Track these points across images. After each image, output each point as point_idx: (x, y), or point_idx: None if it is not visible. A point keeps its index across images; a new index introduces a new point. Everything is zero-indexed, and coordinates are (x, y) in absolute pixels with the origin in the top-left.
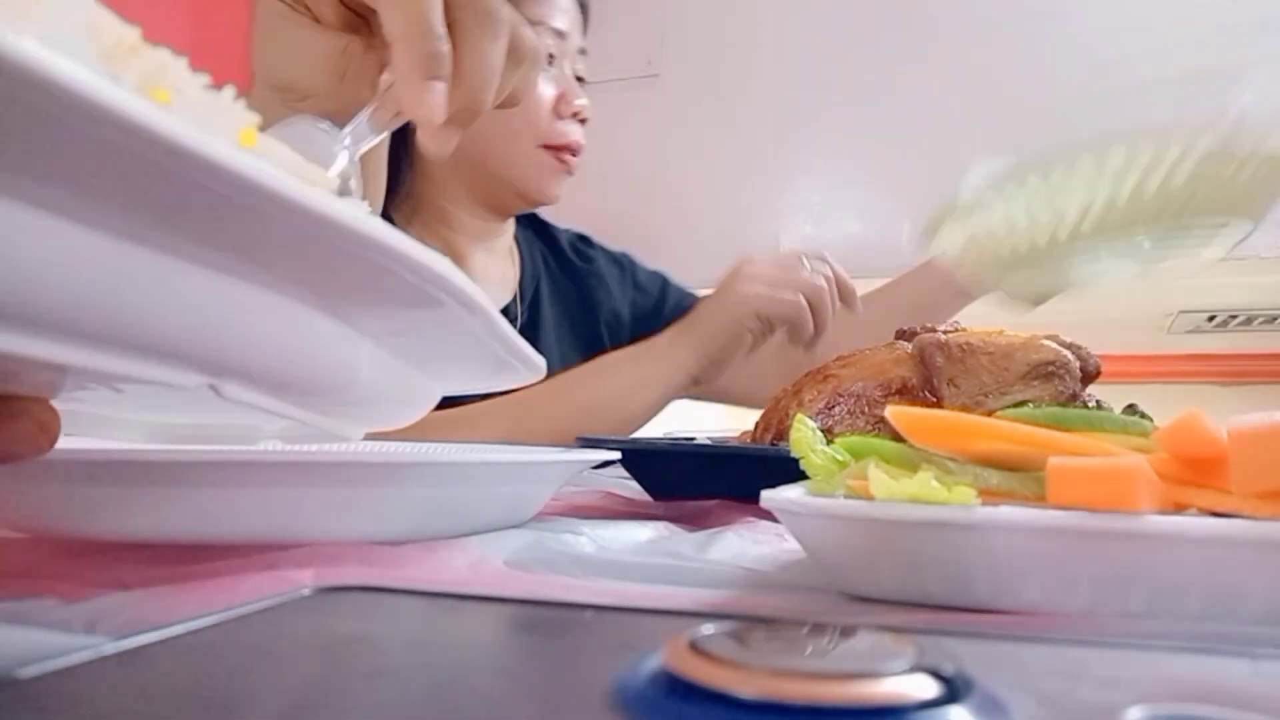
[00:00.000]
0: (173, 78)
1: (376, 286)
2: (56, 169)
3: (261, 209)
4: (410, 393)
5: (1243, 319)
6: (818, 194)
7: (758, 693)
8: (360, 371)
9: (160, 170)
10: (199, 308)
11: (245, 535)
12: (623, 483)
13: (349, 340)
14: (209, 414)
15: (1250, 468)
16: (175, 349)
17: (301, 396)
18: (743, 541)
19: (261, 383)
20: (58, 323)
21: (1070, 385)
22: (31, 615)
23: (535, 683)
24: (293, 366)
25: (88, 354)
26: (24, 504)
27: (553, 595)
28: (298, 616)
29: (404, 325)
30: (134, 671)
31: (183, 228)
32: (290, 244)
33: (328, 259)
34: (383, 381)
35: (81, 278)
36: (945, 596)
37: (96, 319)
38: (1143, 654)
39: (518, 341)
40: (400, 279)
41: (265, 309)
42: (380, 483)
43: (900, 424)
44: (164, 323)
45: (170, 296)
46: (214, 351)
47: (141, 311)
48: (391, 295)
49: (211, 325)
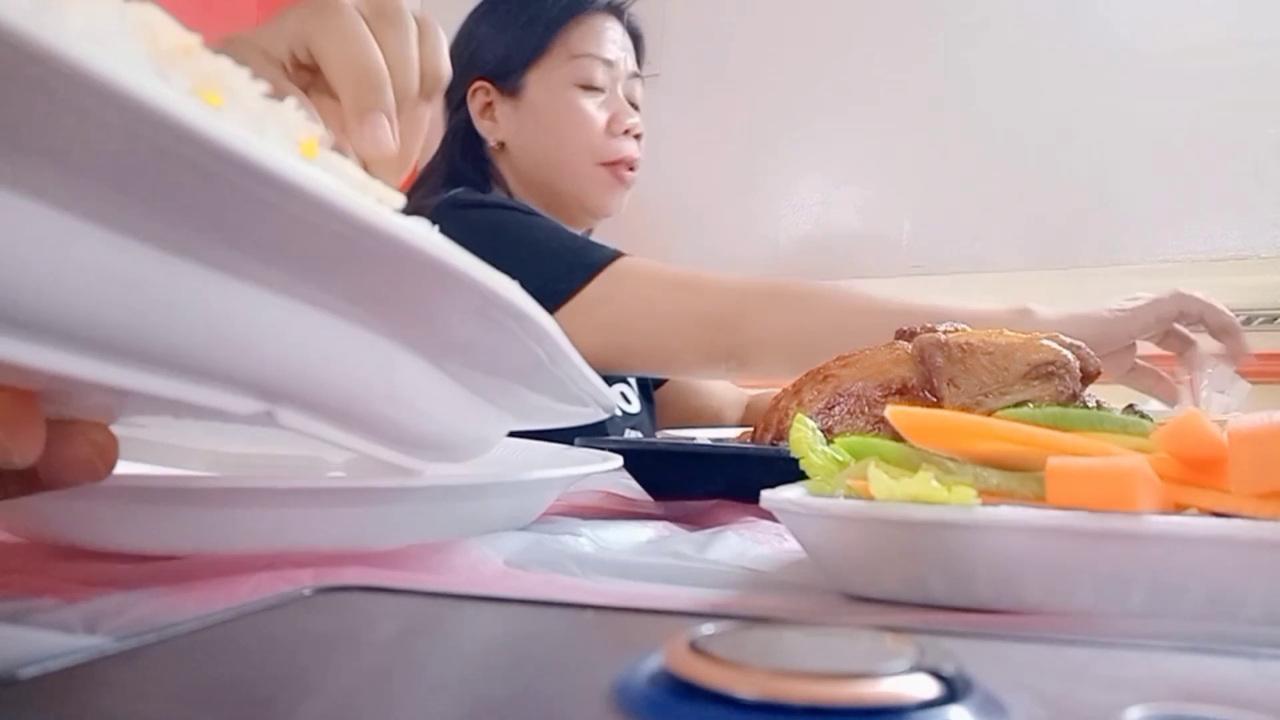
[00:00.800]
0: (231, 84)
1: (439, 309)
2: (98, 167)
3: (317, 221)
4: (478, 425)
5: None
6: (818, 194)
7: (758, 693)
8: (422, 401)
9: (206, 174)
10: (255, 329)
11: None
12: (623, 482)
13: (411, 367)
14: (270, 444)
15: (1250, 468)
16: (230, 372)
17: (362, 425)
18: (743, 541)
19: (319, 410)
20: (109, 342)
21: (1070, 385)
22: (31, 615)
23: (535, 683)
24: (351, 393)
25: (141, 376)
26: (28, 515)
27: (553, 595)
28: (298, 616)
29: (468, 351)
30: (134, 671)
31: (235, 240)
32: (350, 261)
33: (390, 278)
34: (446, 412)
35: (133, 294)
36: (945, 596)
37: (149, 339)
38: (1143, 654)
39: (587, 373)
40: (465, 302)
41: (323, 332)
42: (381, 502)
43: (900, 424)
44: (218, 344)
45: (225, 316)
46: (270, 376)
47: (195, 331)
48: (456, 318)
49: (267, 348)
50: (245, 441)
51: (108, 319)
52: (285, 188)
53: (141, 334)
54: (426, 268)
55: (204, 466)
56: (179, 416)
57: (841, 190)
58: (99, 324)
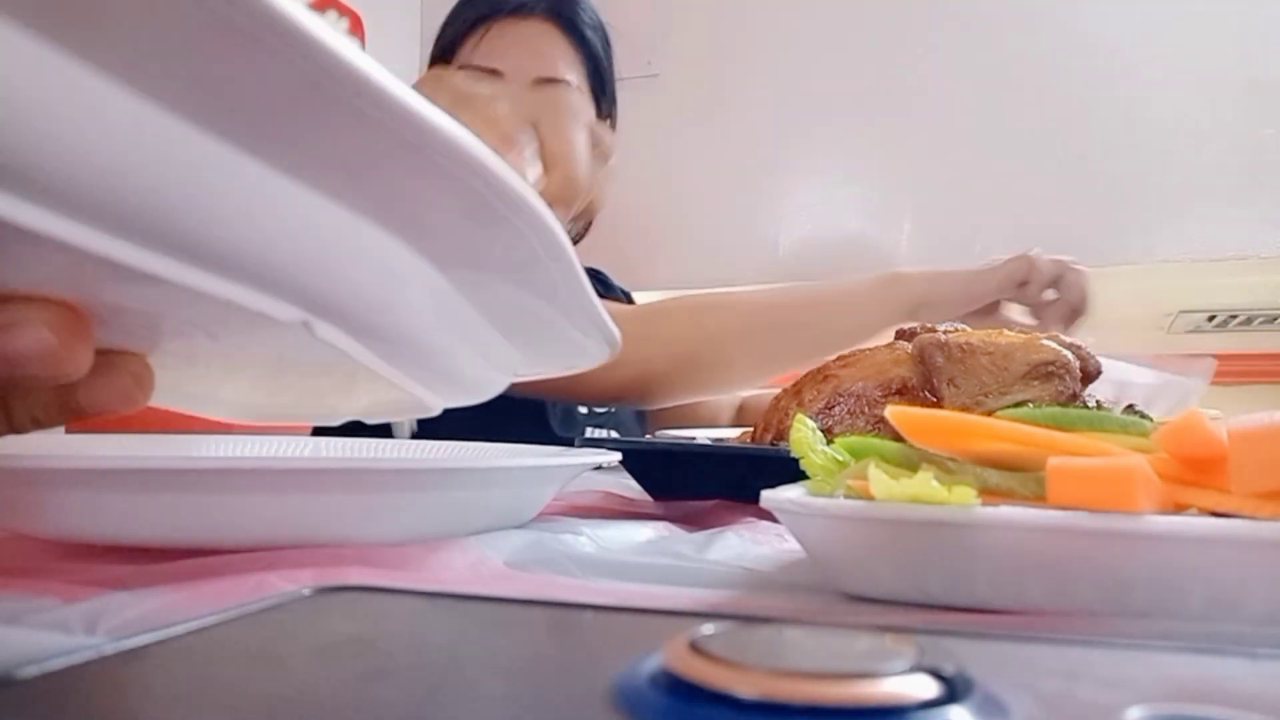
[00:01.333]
0: None
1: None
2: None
3: (364, 107)
4: (491, 359)
5: (1243, 319)
6: (818, 194)
7: (758, 693)
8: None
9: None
10: (301, 233)
11: (248, 541)
12: (623, 483)
13: (441, 292)
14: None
15: (1250, 468)
16: (275, 276)
17: (388, 346)
18: (743, 541)
19: (353, 324)
20: (161, 230)
21: (1070, 385)
22: (31, 615)
23: (535, 683)
24: (382, 309)
25: (190, 271)
26: (27, 508)
27: (553, 595)
28: (298, 616)
29: (490, 272)
30: (134, 671)
31: (292, 137)
32: (393, 161)
33: (427, 180)
34: (465, 345)
35: (188, 182)
36: (945, 596)
37: (201, 230)
38: (1143, 654)
39: (595, 303)
40: (494, 212)
41: (359, 240)
42: (381, 488)
43: (900, 424)
44: (267, 244)
45: (275, 216)
46: (311, 283)
47: (247, 228)
48: (484, 234)
49: (311, 253)
50: (266, 392)
51: (163, 205)
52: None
53: (193, 224)
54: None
55: (225, 413)
56: (215, 338)
57: (841, 190)
58: (155, 210)
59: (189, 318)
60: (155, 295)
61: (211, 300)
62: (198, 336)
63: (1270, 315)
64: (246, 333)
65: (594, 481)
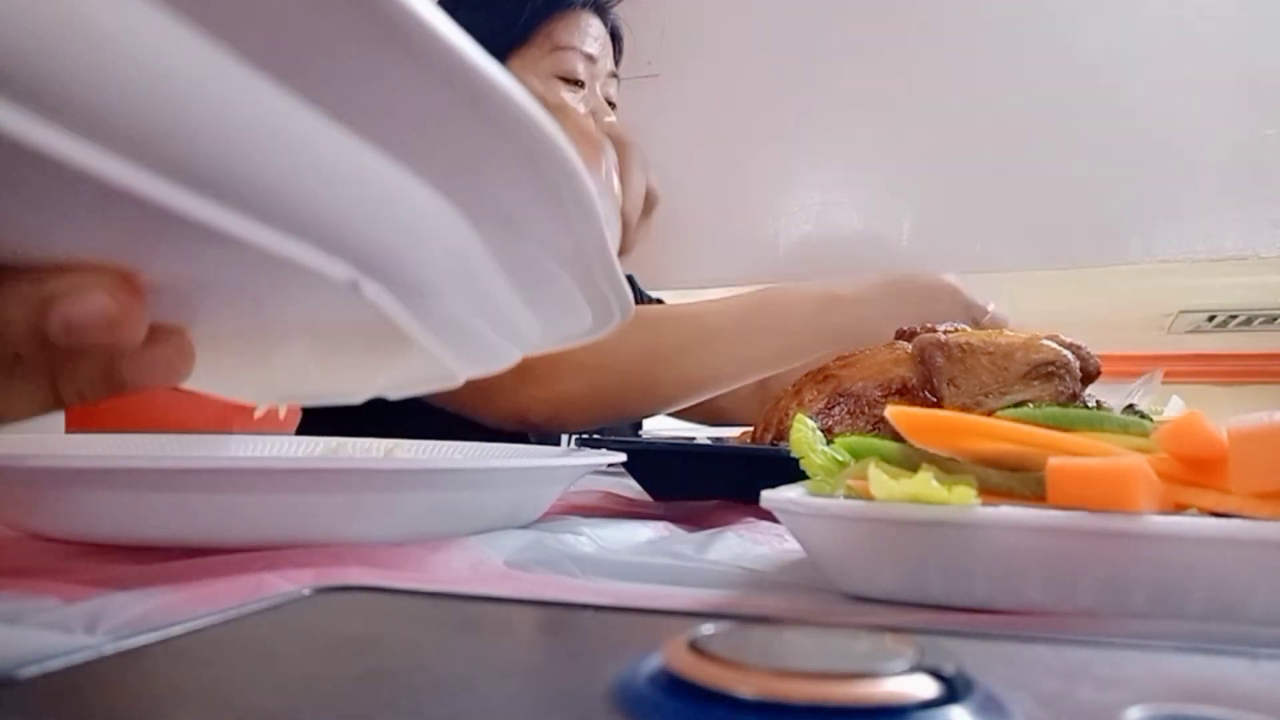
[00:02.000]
0: None
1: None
2: None
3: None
4: (511, 327)
5: (1243, 319)
6: (817, 193)
7: (758, 693)
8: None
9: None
10: (351, 185)
11: (248, 541)
12: (623, 483)
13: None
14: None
15: (1250, 468)
16: (327, 231)
17: (425, 311)
18: (743, 541)
19: (396, 284)
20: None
21: (1070, 385)
22: (31, 615)
23: (535, 683)
24: (423, 267)
25: (245, 222)
26: (27, 508)
27: (553, 595)
28: (298, 616)
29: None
30: (134, 671)
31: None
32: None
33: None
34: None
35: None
36: (945, 596)
37: (261, 178)
38: (1143, 654)
39: (616, 268)
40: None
41: (404, 193)
42: (384, 489)
43: (900, 424)
44: (323, 197)
45: (329, 168)
46: (360, 239)
47: (302, 179)
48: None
49: (360, 208)
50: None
51: (222, 153)
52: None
53: (251, 173)
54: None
55: (252, 395)
56: (259, 308)
57: (841, 190)
58: (214, 159)
59: (237, 283)
60: (208, 255)
61: (262, 259)
62: (242, 304)
63: (1270, 315)
64: (290, 298)
65: (594, 482)
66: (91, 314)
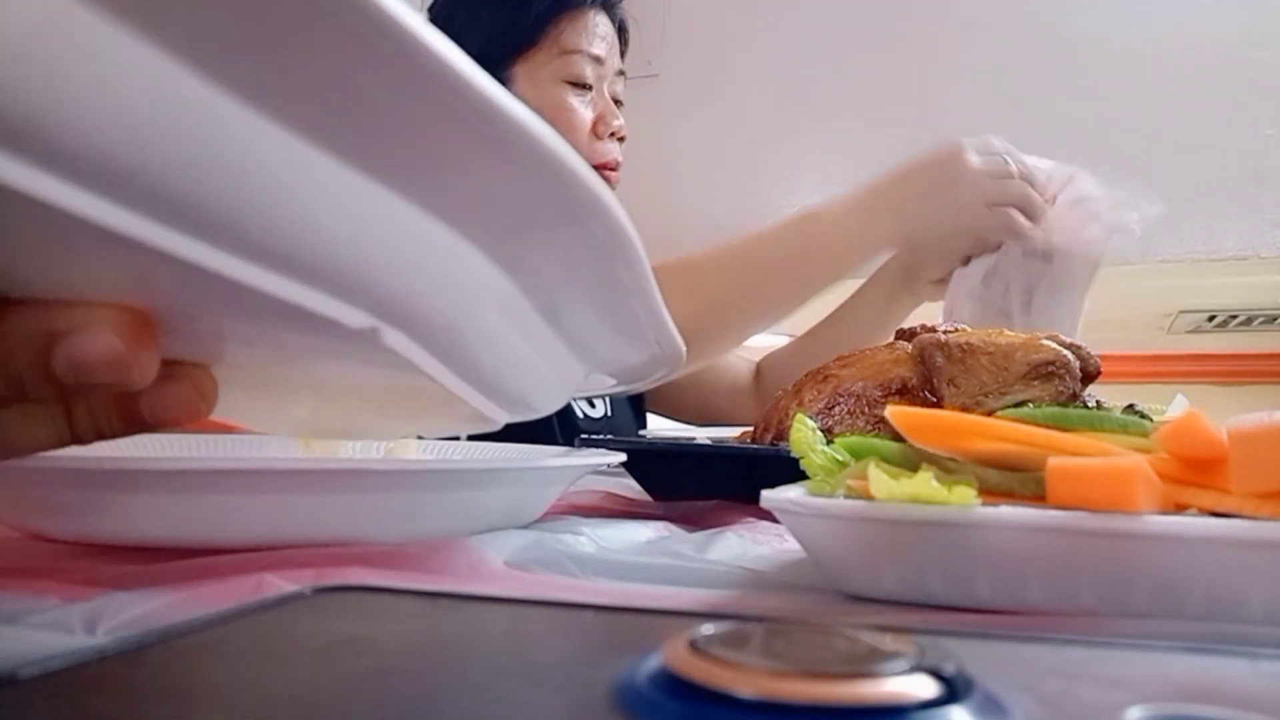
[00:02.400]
0: None
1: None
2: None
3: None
4: (556, 373)
5: (1243, 319)
6: (818, 193)
7: (758, 693)
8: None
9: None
10: (374, 235)
11: (248, 541)
12: (623, 483)
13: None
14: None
15: (1250, 468)
16: (346, 280)
17: (457, 359)
18: (743, 541)
19: (421, 333)
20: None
21: (1070, 385)
22: (31, 615)
23: (535, 683)
24: (453, 316)
25: (262, 273)
26: (28, 508)
27: (553, 595)
28: (298, 616)
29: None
30: (134, 671)
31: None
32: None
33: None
34: (532, 357)
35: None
36: (945, 596)
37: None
38: (1143, 654)
39: (664, 314)
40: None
41: (432, 242)
42: (384, 489)
43: (900, 424)
44: (340, 245)
45: (346, 215)
46: (382, 289)
47: (319, 227)
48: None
49: (383, 257)
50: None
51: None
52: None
53: (262, 221)
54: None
55: (285, 431)
56: (280, 349)
57: (841, 190)
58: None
59: (254, 325)
60: (221, 298)
61: (277, 305)
62: (261, 346)
63: (1270, 315)
64: (311, 342)
65: (594, 482)
66: (98, 353)
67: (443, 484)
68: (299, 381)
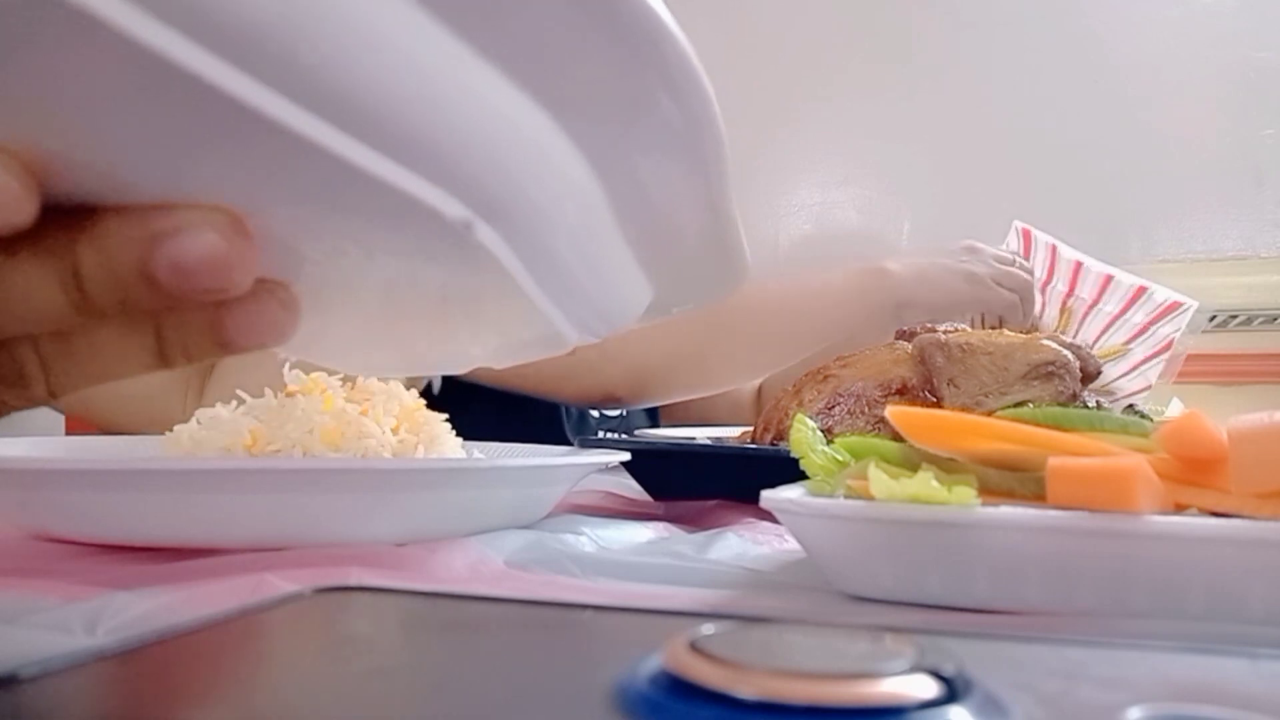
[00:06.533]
0: None
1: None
2: None
3: None
4: (624, 289)
5: (1242, 319)
6: (817, 193)
7: (758, 693)
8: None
9: None
10: (477, 122)
11: (248, 541)
12: (623, 483)
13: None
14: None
15: (1250, 468)
16: (445, 166)
17: (539, 263)
18: (743, 542)
19: (513, 229)
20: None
21: (1070, 385)
22: (31, 615)
23: (535, 683)
24: (540, 212)
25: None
26: (27, 509)
27: (553, 595)
28: (298, 616)
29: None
30: (134, 671)
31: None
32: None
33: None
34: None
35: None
36: (945, 596)
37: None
38: (1143, 654)
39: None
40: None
41: (527, 128)
42: (384, 489)
43: (900, 424)
44: (444, 128)
45: (454, 97)
46: (480, 181)
47: (421, 102)
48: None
49: (479, 141)
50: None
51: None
52: None
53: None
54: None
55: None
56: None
57: (841, 190)
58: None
59: (347, 220)
60: (324, 185)
61: (378, 192)
62: (348, 256)
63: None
64: (398, 247)
65: (595, 481)
66: (201, 253)
67: (443, 484)
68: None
